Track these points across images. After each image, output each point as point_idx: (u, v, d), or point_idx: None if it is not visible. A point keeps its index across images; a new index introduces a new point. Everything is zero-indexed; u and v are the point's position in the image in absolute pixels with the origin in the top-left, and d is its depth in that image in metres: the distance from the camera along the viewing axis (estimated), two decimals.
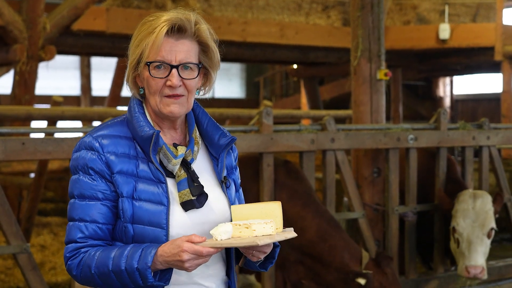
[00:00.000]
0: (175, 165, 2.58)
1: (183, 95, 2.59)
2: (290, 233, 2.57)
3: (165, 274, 2.47)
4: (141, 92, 2.64)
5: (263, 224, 2.48)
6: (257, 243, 2.40)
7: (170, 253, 2.39)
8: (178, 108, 2.59)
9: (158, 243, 2.47)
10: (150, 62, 2.55)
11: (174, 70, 2.55)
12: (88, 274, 2.49)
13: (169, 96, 2.57)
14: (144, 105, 2.67)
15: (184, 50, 2.57)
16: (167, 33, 2.54)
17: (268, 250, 2.57)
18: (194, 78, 2.60)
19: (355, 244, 5.85)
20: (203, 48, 2.64)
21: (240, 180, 2.85)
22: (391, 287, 5.50)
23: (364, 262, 5.58)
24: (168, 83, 2.55)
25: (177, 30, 2.56)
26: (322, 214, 5.89)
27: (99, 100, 20.56)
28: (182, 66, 2.56)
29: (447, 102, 19.66)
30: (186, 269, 2.41)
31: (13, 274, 8.37)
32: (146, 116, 2.62)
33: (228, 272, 2.73)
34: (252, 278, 6.18)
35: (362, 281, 5.41)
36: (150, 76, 2.56)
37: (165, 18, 2.55)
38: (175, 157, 2.58)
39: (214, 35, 2.67)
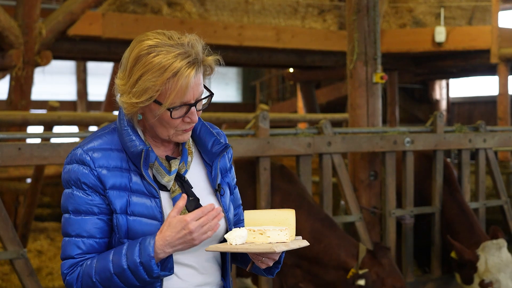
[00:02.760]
0: (169, 182, 2.56)
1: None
2: (304, 242, 2.57)
3: (166, 264, 2.45)
4: (140, 118, 2.56)
5: (278, 231, 2.47)
6: (274, 250, 2.39)
7: (175, 232, 2.38)
8: (188, 135, 2.59)
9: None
10: (173, 108, 2.47)
11: (193, 108, 2.51)
12: (90, 284, 2.46)
13: (185, 130, 2.55)
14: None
15: (199, 84, 2.51)
16: None
17: (277, 257, 2.58)
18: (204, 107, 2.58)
19: (351, 239, 5.85)
20: (204, 70, 2.56)
21: (236, 180, 2.84)
22: (388, 278, 5.51)
23: (361, 257, 5.59)
24: (187, 120, 2.52)
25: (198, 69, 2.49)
26: (316, 215, 5.90)
27: (95, 105, 20.55)
28: (199, 102, 2.53)
29: (444, 105, 19.68)
30: (194, 242, 2.39)
31: (10, 280, 8.35)
32: (135, 130, 2.57)
33: (224, 276, 2.72)
34: (248, 281, 6.18)
35: (361, 282, 5.44)
36: (171, 118, 2.49)
37: (187, 62, 2.44)
38: (169, 172, 2.56)
39: (220, 60, 2.58)
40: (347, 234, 5.99)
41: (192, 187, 2.60)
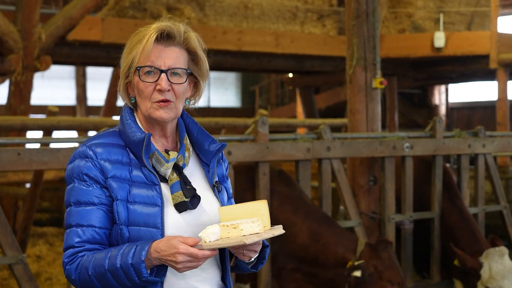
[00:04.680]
0: (167, 169, 2.63)
1: (171, 101, 2.63)
2: (278, 230, 2.61)
3: (161, 270, 2.50)
4: (133, 101, 2.70)
5: (250, 223, 2.52)
6: (244, 242, 2.44)
7: (166, 253, 2.42)
8: (167, 114, 2.64)
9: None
10: (140, 67, 2.61)
11: (163, 75, 2.61)
12: (86, 277, 2.51)
13: (158, 102, 2.61)
14: (135, 113, 2.73)
15: (173, 57, 2.63)
16: (156, 39, 2.61)
17: (259, 249, 2.62)
18: (182, 83, 2.65)
19: (350, 235, 5.85)
20: (192, 57, 2.70)
21: (232, 191, 2.89)
22: (386, 272, 5.46)
23: (359, 250, 5.57)
24: (158, 87, 2.61)
25: (166, 37, 2.64)
26: (313, 215, 5.90)
27: (94, 110, 20.56)
28: (171, 71, 2.62)
29: (443, 110, 19.69)
30: (178, 270, 2.45)
31: (9, 285, 8.34)
32: (137, 123, 2.69)
33: (224, 278, 2.75)
34: (247, 287, 6.17)
35: (357, 273, 5.42)
36: (140, 80, 2.62)
37: (154, 26, 2.63)
38: (167, 161, 2.63)
39: (203, 44, 2.73)
40: (346, 231, 5.99)
41: (190, 182, 2.67)
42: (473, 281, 6.47)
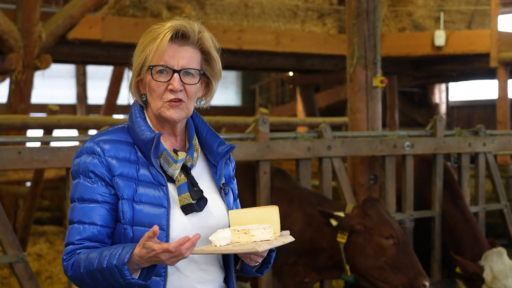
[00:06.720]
0: (175, 170, 2.61)
1: (183, 101, 2.62)
2: (288, 238, 2.60)
3: (149, 273, 2.47)
4: (144, 99, 2.69)
5: (261, 229, 2.51)
6: (256, 249, 2.42)
7: (148, 255, 2.37)
8: (178, 114, 2.62)
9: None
10: (153, 66, 2.59)
11: (175, 75, 2.59)
12: (79, 274, 2.50)
13: (169, 101, 2.60)
14: (145, 111, 2.71)
15: (186, 56, 2.62)
16: (171, 38, 2.60)
17: (265, 254, 2.63)
18: (195, 84, 2.64)
19: (339, 206, 5.82)
20: (206, 57, 2.68)
21: (237, 191, 2.88)
22: (375, 227, 5.47)
23: (348, 212, 5.57)
24: (170, 87, 2.59)
25: (180, 37, 2.62)
26: (306, 201, 5.91)
27: (94, 109, 20.56)
28: (184, 71, 2.61)
29: (443, 108, 19.68)
30: (170, 264, 2.40)
31: (10, 284, 8.35)
32: (147, 121, 2.67)
33: (227, 280, 2.74)
34: (247, 286, 6.17)
35: (334, 222, 5.45)
36: (152, 79, 2.60)
37: (169, 25, 2.61)
38: (176, 161, 2.61)
39: (217, 44, 2.71)
40: (338, 203, 5.98)
41: (197, 183, 2.65)
42: (478, 285, 6.46)
